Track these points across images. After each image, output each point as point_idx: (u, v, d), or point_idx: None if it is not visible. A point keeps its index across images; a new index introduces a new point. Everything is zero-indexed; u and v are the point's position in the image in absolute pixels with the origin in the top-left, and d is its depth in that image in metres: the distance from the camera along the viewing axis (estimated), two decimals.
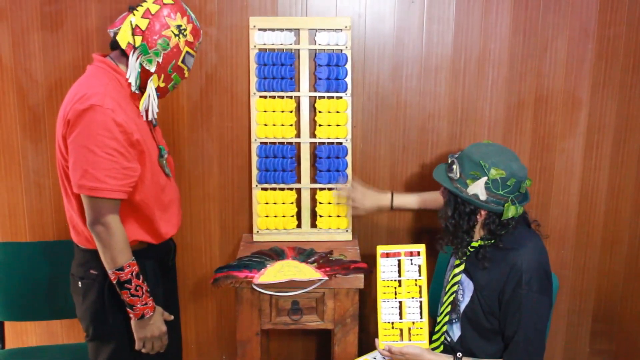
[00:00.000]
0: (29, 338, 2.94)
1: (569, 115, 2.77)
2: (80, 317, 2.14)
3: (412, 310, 2.14)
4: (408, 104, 2.75)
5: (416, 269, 2.16)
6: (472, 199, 2.00)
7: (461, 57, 2.71)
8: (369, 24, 2.68)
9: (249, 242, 2.72)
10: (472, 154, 2.04)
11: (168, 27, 1.97)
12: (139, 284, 1.99)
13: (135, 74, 1.98)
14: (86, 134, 1.86)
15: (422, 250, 2.16)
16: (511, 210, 1.99)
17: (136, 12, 1.97)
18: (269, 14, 2.66)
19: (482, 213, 2.04)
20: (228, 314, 2.94)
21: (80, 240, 2.07)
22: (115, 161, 1.89)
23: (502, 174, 1.97)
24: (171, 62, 2.01)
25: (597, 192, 2.86)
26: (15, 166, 2.75)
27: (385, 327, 2.15)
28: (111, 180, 1.89)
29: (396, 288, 2.16)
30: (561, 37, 2.70)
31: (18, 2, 2.61)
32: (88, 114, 1.86)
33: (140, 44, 1.96)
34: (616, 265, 2.93)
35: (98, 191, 1.88)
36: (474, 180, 2.00)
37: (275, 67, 2.64)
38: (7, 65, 2.67)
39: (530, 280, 1.98)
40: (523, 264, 2.00)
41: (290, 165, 2.71)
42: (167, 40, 1.98)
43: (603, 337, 3.01)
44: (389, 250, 2.18)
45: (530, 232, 2.12)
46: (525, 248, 2.03)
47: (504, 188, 1.98)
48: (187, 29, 2.02)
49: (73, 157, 1.90)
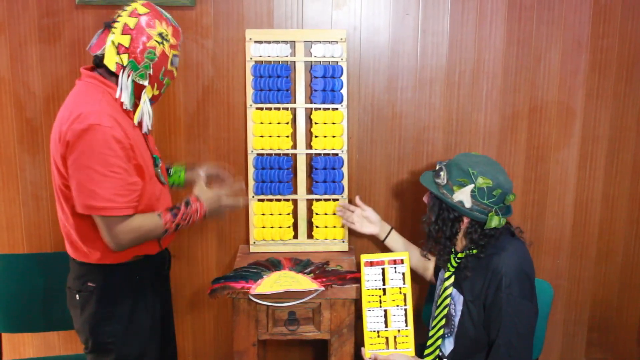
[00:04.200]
0: (26, 349, 2.93)
1: (563, 125, 2.79)
2: (79, 330, 2.14)
3: (398, 319, 2.16)
4: (403, 116, 2.77)
5: (400, 277, 2.18)
6: (457, 205, 2.03)
7: (456, 69, 2.73)
8: (364, 36, 2.71)
9: (246, 253, 2.72)
10: (461, 162, 2.08)
11: (151, 38, 1.96)
12: (181, 219, 2.07)
13: (127, 92, 1.97)
14: (88, 154, 1.86)
15: (405, 258, 2.19)
16: (494, 221, 2.02)
17: (115, 30, 1.95)
18: (265, 27, 2.68)
19: (465, 221, 2.07)
20: (225, 325, 2.94)
21: (78, 255, 2.07)
22: (120, 178, 1.90)
23: (488, 184, 2.01)
24: (161, 70, 2.01)
25: (591, 202, 2.87)
26: (13, 178, 2.76)
27: (371, 335, 2.17)
28: (119, 198, 1.90)
29: (381, 297, 2.18)
30: (555, 49, 2.73)
31: (16, 15, 2.63)
32: (88, 134, 1.85)
33: (129, 61, 1.94)
34: (611, 275, 2.94)
35: (108, 210, 1.89)
36: (461, 187, 2.03)
37: (271, 79, 2.66)
38: (4, 78, 2.68)
39: (511, 284, 1.99)
40: (503, 267, 2.01)
41: (287, 176, 2.72)
42: (153, 50, 1.96)
43: (599, 347, 3.02)
44: (372, 259, 2.21)
45: (514, 239, 2.13)
46: (506, 252, 2.05)
47: (489, 198, 2.02)
48: (169, 33, 2.01)
49: (76, 178, 1.89)
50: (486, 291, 2.04)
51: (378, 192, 2.83)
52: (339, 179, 2.72)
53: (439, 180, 2.10)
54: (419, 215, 2.76)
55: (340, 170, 2.72)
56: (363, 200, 2.61)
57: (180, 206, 2.07)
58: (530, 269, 2.06)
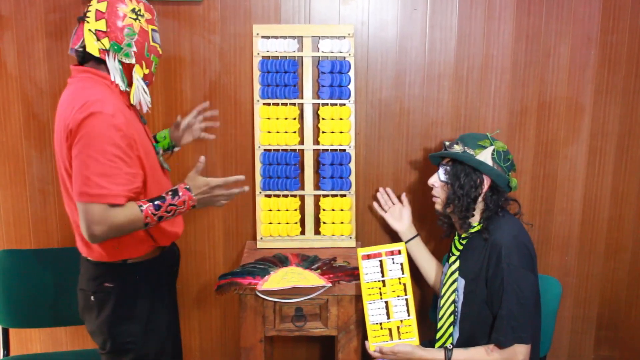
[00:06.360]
0: (33, 345, 2.94)
1: (572, 121, 2.78)
2: (94, 332, 2.09)
3: (399, 309, 2.16)
4: (411, 111, 2.76)
5: (399, 267, 2.18)
6: (483, 162, 2.11)
7: (464, 64, 2.72)
8: (371, 32, 2.69)
9: (253, 249, 2.72)
10: (472, 133, 2.23)
11: (125, 16, 1.97)
12: (164, 211, 1.96)
13: (119, 74, 1.98)
14: (86, 141, 1.84)
15: (402, 249, 2.20)
16: (513, 181, 2.16)
17: (88, 19, 1.96)
18: (272, 22, 2.67)
19: (486, 184, 2.13)
20: (232, 321, 2.94)
21: (93, 254, 2.04)
22: (116, 167, 1.86)
23: (504, 147, 2.16)
24: (145, 46, 2.01)
25: (600, 199, 2.85)
26: (20, 174, 2.76)
27: (374, 328, 2.17)
28: (113, 185, 1.85)
29: (380, 288, 2.18)
30: (564, 44, 2.71)
31: (23, 10, 2.63)
32: (89, 121, 1.84)
33: (110, 43, 1.95)
34: (620, 271, 2.92)
35: (102, 197, 1.84)
36: (482, 149, 2.13)
37: (278, 75, 2.65)
38: (12, 73, 2.68)
39: (510, 254, 2.03)
40: (502, 239, 2.06)
41: (294, 172, 2.71)
42: (131, 27, 1.97)
43: (607, 344, 3.01)
44: (369, 252, 2.21)
45: (510, 215, 2.20)
46: (504, 226, 2.12)
47: (505, 161, 2.13)
48: (142, 9, 2.02)
49: (75, 166, 1.87)
50: (487, 265, 2.08)
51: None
52: (347, 174, 2.71)
53: (454, 151, 2.16)
54: (426, 211, 2.77)
55: (347, 166, 2.71)
56: (369, 195, 2.60)
57: (166, 197, 1.98)
58: (529, 242, 2.11)
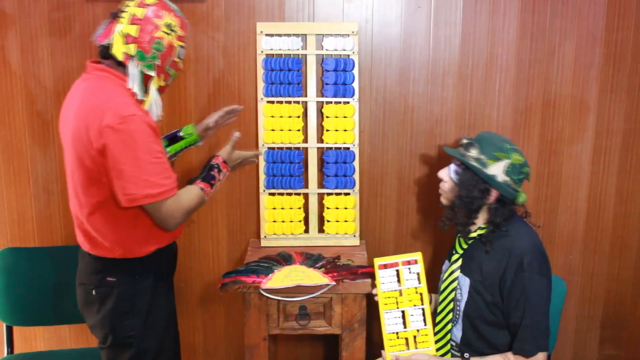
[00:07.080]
0: (37, 343, 2.94)
1: (576, 119, 2.77)
2: (94, 326, 2.10)
3: (416, 318, 2.14)
4: (415, 109, 2.75)
5: (415, 277, 2.16)
6: (492, 177, 2.05)
7: (468, 62, 2.71)
8: (376, 29, 2.69)
9: (257, 247, 2.72)
10: (492, 137, 2.12)
11: (158, 28, 1.95)
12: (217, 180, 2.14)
13: (138, 83, 1.97)
14: (132, 146, 1.86)
15: (419, 258, 2.17)
16: (522, 197, 2.08)
17: (122, 20, 1.94)
18: (276, 20, 2.66)
19: (493, 195, 2.08)
20: (236, 319, 2.94)
21: (98, 250, 2.03)
22: (163, 162, 1.93)
23: (520, 160, 2.07)
24: (168, 61, 2.01)
25: (605, 197, 2.84)
26: (24, 172, 2.76)
27: (390, 337, 2.15)
28: (167, 180, 1.93)
29: (397, 298, 2.16)
30: (569, 42, 2.70)
31: (26, 8, 2.62)
32: (126, 126, 1.84)
33: (137, 51, 1.94)
34: (625, 270, 2.91)
35: (163, 194, 1.92)
36: (496, 161, 2.06)
37: (282, 73, 2.65)
38: (15, 72, 2.68)
39: (531, 262, 2.01)
40: (523, 247, 2.04)
41: (298, 170, 2.71)
42: (161, 41, 1.96)
43: (612, 343, 3.00)
44: (386, 261, 2.19)
45: (522, 221, 2.17)
46: (520, 233, 2.08)
47: (518, 174, 2.07)
48: (176, 25, 2.01)
49: (126, 172, 1.87)
50: (504, 273, 2.05)
51: (390, 186, 2.81)
52: (351, 173, 2.70)
53: (470, 154, 2.11)
54: (430, 209, 2.77)
55: (351, 164, 2.70)
56: (373, 194, 2.60)
57: (215, 174, 2.13)
58: (543, 247, 2.10)
